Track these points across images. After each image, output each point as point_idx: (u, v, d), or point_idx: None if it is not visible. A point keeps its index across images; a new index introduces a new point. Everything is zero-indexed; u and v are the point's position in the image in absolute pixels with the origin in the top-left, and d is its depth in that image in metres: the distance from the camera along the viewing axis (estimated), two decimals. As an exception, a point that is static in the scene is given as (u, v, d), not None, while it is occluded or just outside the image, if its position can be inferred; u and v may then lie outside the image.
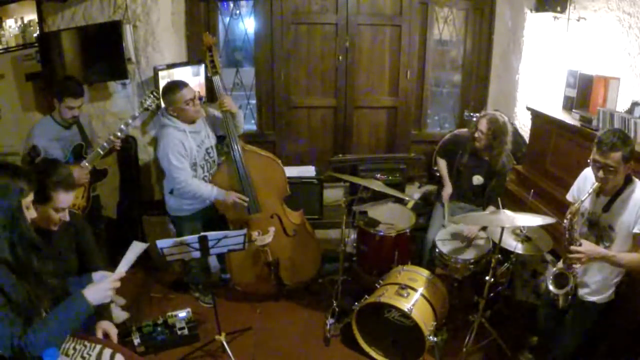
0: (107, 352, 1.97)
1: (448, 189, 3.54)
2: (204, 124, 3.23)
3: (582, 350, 2.51)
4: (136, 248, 2.04)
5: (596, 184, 2.17)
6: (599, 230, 2.29)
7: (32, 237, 1.75)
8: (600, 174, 2.14)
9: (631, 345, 2.46)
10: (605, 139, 2.10)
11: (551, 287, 2.32)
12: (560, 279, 2.30)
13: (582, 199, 2.21)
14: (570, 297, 2.31)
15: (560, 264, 2.38)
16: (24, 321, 1.69)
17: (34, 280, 1.76)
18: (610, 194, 2.24)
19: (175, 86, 3.03)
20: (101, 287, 1.87)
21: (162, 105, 3.16)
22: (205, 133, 3.20)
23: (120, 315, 3.26)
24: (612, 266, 2.24)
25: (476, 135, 3.33)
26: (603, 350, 2.58)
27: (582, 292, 2.38)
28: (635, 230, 2.15)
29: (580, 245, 2.19)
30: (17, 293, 1.67)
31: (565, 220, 2.21)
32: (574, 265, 2.26)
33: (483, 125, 3.29)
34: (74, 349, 1.92)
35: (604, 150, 2.10)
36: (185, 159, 3.04)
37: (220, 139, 3.40)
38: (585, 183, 2.37)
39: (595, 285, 2.33)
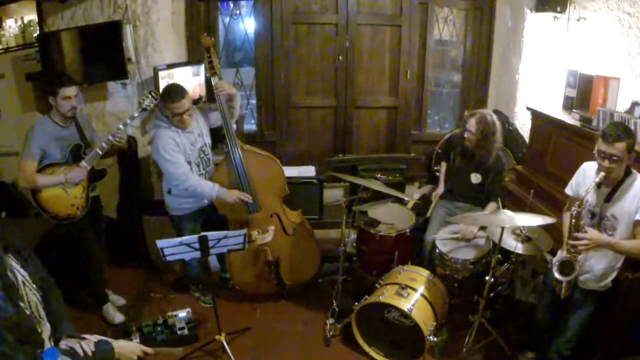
0: None
1: (439, 190, 3.68)
2: (197, 123, 3.22)
3: (582, 342, 2.52)
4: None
5: (601, 174, 2.28)
6: (601, 220, 2.38)
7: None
8: (606, 163, 2.25)
9: (629, 342, 2.47)
10: (610, 131, 2.23)
11: (556, 274, 2.36)
12: (565, 267, 2.35)
13: (588, 189, 2.30)
14: (571, 287, 2.38)
15: (565, 253, 2.40)
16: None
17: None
18: (612, 186, 2.34)
19: (172, 95, 2.97)
20: (131, 347, 1.92)
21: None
22: (198, 131, 3.20)
23: (116, 316, 3.26)
24: (615, 254, 2.34)
25: (465, 135, 3.35)
26: (602, 346, 2.59)
27: (583, 279, 2.43)
28: (637, 217, 2.26)
29: (586, 232, 2.28)
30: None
31: (573, 208, 2.32)
32: (577, 254, 2.32)
33: (471, 124, 3.31)
34: None
35: (610, 141, 2.22)
36: (180, 154, 3.04)
37: (220, 139, 3.40)
38: (585, 177, 2.48)
39: (599, 272, 2.40)
